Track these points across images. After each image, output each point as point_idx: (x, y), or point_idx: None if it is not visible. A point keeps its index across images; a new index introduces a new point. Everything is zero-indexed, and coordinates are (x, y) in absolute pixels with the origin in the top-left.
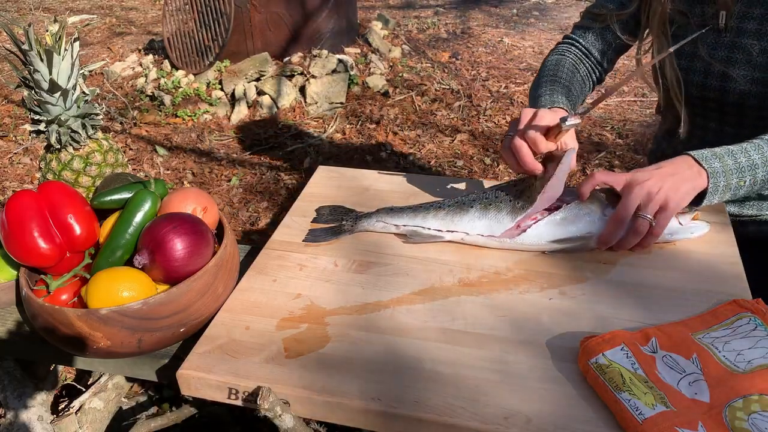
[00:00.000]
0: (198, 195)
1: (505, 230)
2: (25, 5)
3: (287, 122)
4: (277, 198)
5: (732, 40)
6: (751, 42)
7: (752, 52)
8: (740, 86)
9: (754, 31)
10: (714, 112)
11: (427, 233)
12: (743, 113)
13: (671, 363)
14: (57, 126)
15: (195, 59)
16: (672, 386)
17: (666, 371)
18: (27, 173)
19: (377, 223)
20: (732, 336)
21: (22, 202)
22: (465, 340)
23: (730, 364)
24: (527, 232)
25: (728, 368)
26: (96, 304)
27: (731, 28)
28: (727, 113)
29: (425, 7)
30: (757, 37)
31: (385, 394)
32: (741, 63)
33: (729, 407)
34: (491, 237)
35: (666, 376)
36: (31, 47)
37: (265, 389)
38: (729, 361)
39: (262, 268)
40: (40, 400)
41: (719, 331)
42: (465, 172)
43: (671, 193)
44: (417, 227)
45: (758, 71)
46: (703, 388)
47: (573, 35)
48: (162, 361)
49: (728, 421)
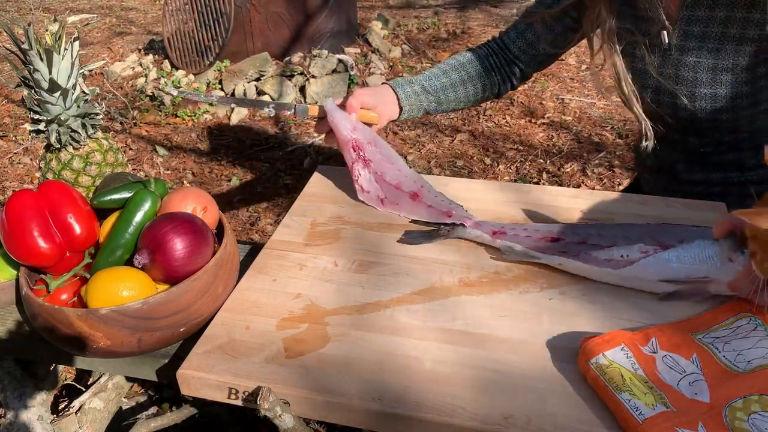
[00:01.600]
0: (198, 195)
1: (608, 260)
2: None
3: (287, 122)
4: (277, 198)
5: (677, 57)
6: (694, 60)
7: (696, 69)
8: (689, 103)
9: (695, 48)
10: (674, 125)
11: (521, 251)
12: (699, 127)
13: (671, 363)
14: (57, 126)
15: (195, 59)
16: (672, 386)
17: (666, 371)
18: (27, 173)
19: (473, 232)
20: (732, 336)
21: (22, 201)
22: (465, 340)
23: (730, 364)
24: (633, 266)
25: (728, 368)
26: (96, 304)
27: (675, 46)
28: (685, 127)
29: (425, 7)
30: (698, 54)
31: (385, 394)
32: (687, 81)
33: (729, 407)
34: (592, 267)
35: (666, 376)
36: (31, 47)
37: (265, 389)
38: (729, 361)
39: (262, 267)
40: (40, 400)
41: (719, 331)
42: (465, 172)
43: None
44: (515, 244)
45: (704, 88)
46: (703, 388)
47: (502, 32)
48: (162, 361)
49: (728, 421)
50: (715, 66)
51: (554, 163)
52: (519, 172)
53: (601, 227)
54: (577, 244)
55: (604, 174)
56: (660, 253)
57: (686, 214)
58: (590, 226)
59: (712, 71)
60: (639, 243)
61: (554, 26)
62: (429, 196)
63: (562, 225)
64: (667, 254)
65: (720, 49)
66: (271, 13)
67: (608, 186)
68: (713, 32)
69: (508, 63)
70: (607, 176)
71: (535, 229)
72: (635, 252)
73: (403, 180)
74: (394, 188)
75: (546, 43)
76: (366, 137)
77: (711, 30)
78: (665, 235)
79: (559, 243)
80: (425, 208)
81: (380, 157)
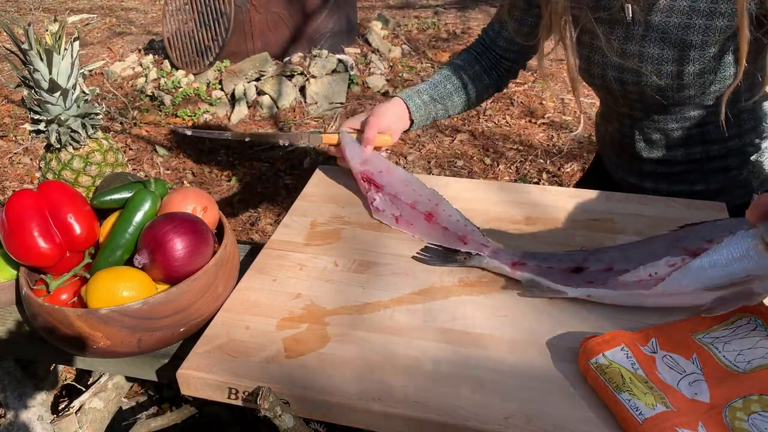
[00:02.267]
0: (198, 195)
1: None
2: (25, 5)
3: (287, 122)
4: (277, 198)
5: (642, 34)
6: (660, 35)
7: (663, 45)
8: (655, 81)
9: (661, 24)
10: (637, 103)
11: (547, 287)
12: (663, 104)
13: (671, 363)
14: (57, 126)
15: (195, 59)
16: (672, 386)
17: (666, 371)
18: (27, 173)
19: (491, 262)
20: (732, 336)
21: (22, 201)
22: (465, 340)
23: (730, 364)
24: (665, 282)
25: (728, 368)
26: (96, 304)
27: (639, 22)
28: (648, 105)
29: (425, 7)
30: (664, 30)
31: (385, 394)
32: (653, 58)
33: (729, 407)
34: (623, 292)
35: (666, 376)
36: (31, 47)
37: (265, 389)
38: (729, 361)
39: (262, 267)
40: (40, 400)
41: (719, 331)
42: (465, 172)
43: None
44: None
45: (670, 65)
46: (704, 388)
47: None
48: (162, 361)
49: (728, 421)
50: (683, 42)
51: (554, 163)
52: (519, 172)
53: (624, 248)
54: (603, 272)
55: None
56: (690, 262)
57: (686, 213)
58: (613, 249)
59: (679, 48)
60: (665, 256)
61: (525, 19)
62: (444, 215)
63: (584, 252)
64: (698, 261)
65: (689, 25)
66: (271, 13)
67: None
68: (681, 6)
69: (497, 61)
70: None
71: (558, 259)
72: (662, 267)
73: (419, 199)
74: (409, 207)
75: (522, 37)
76: (377, 167)
77: (678, 4)
78: (690, 240)
79: (584, 273)
80: (441, 231)
81: (393, 181)
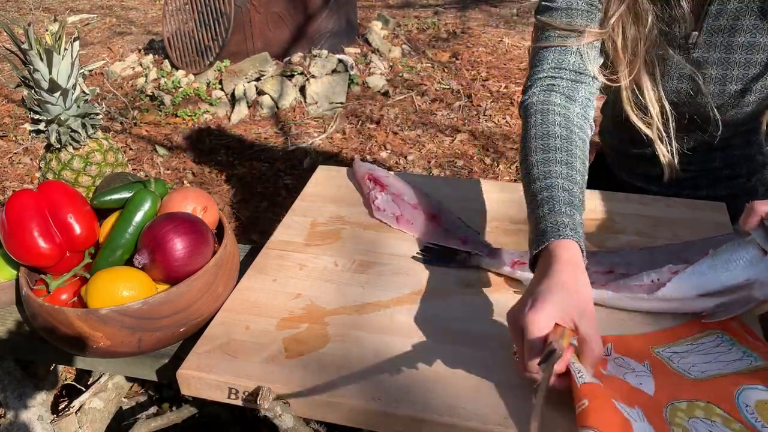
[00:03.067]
0: (198, 195)
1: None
2: (25, 5)
3: (287, 122)
4: (277, 198)
5: (704, 55)
6: (726, 40)
7: (730, 49)
8: (716, 100)
9: (724, 43)
10: (681, 118)
11: None
12: (713, 117)
13: (622, 363)
14: (57, 126)
15: (195, 59)
16: (617, 376)
17: (614, 368)
18: (27, 173)
19: (491, 261)
20: (694, 351)
21: (22, 201)
22: (465, 340)
23: (683, 372)
24: (666, 286)
25: (680, 374)
26: (96, 304)
27: (701, 45)
28: (692, 119)
29: (425, 7)
30: (730, 34)
31: (385, 394)
32: (719, 62)
33: (671, 406)
34: (624, 295)
35: (612, 370)
36: (31, 47)
37: (265, 389)
38: (683, 369)
39: (262, 267)
40: (40, 400)
41: (682, 346)
42: (465, 172)
43: None
44: None
45: (736, 69)
46: (649, 383)
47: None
48: (162, 361)
49: (668, 417)
50: (751, 44)
51: None
52: (519, 172)
53: (626, 254)
54: (604, 274)
55: None
56: (691, 267)
57: (688, 214)
58: (613, 254)
59: (746, 50)
60: (668, 264)
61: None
62: (447, 219)
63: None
64: (698, 266)
65: (757, 26)
66: (271, 13)
67: None
68: (745, 25)
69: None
70: None
71: None
72: (665, 273)
73: (422, 201)
74: (411, 207)
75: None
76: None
77: (741, 23)
78: (691, 251)
79: None
80: (441, 232)
81: (398, 184)
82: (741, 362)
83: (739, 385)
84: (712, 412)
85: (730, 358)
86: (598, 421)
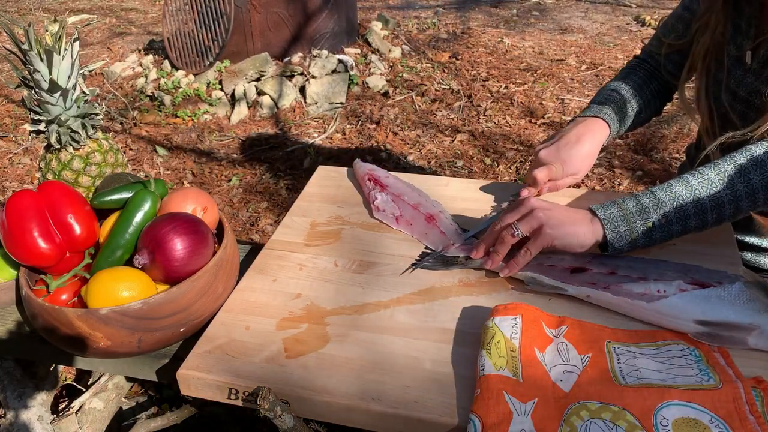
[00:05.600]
0: (198, 195)
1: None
2: (25, 5)
3: (287, 122)
4: (277, 198)
5: (756, 76)
6: None
7: None
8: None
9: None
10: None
11: (548, 283)
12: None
13: (563, 350)
14: (57, 126)
15: (195, 59)
16: (543, 365)
17: (551, 353)
18: (27, 173)
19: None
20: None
21: (22, 202)
22: (465, 340)
23: (618, 375)
24: (668, 299)
25: (612, 377)
26: (96, 304)
27: (755, 70)
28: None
29: (425, 7)
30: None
31: (385, 394)
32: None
33: (581, 405)
34: (624, 299)
35: (547, 357)
36: (31, 47)
37: (265, 389)
38: (619, 372)
39: (262, 268)
40: (40, 400)
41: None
42: (465, 172)
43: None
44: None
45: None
46: (571, 380)
47: (642, 56)
48: (162, 361)
49: (566, 414)
50: None
51: None
52: (519, 172)
53: (630, 259)
54: (606, 276)
55: (604, 174)
56: (699, 291)
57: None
58: (617, 258)
59: None
60: (678, 281)
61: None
62: (444, 222)
63: (588, 255)
64: (707, 291)
65: None
66: (271, 13)
67: (608, 186)
68: None
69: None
70: (607, 176)
71: (560, 258)
72: (673, 288)
73: (422, 202)
74: (411, 208)
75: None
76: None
77: None
78: (701, 274)
79: (586, 274)
80: (438, 234)
81: (398, 184)
82: (691, 378)
83: (670, 399)
84: (622, 417)
85: (684, 372)
86: (481, 409)
